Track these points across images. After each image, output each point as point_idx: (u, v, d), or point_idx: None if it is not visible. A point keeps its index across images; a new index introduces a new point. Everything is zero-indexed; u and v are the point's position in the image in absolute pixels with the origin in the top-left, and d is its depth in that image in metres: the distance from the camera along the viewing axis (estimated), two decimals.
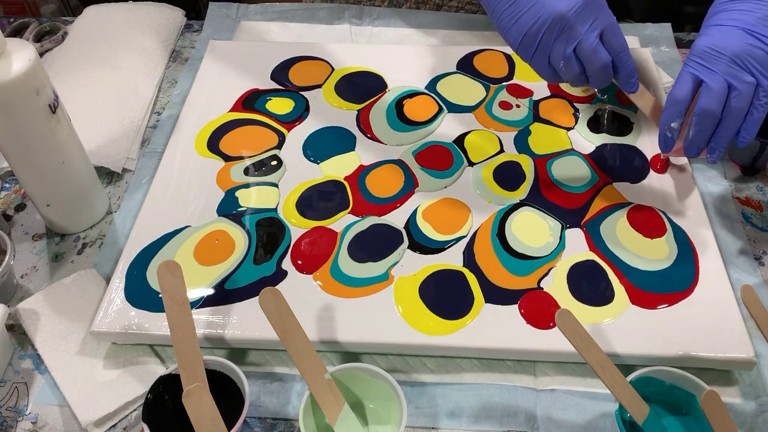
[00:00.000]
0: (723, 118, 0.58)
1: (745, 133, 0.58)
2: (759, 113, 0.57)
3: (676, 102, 0.58)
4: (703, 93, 0.57)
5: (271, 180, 0.71)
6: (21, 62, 0.56)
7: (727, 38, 0.57)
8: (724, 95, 0.57)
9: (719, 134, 0.59)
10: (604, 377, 0.48)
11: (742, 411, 0.54)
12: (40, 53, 0.89)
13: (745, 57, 0.56)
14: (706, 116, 0.57)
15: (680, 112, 0.59)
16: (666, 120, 0.60)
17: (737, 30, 0.56)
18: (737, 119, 0.57)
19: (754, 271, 0.64)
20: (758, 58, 0.56)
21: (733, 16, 0.58)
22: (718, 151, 0.60)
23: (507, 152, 0.73)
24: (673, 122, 0.59)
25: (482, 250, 0.63)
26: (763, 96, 0.57)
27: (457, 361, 0.58)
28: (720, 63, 0.56)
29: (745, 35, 0.56)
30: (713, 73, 0.57)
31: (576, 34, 0.57)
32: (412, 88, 0.81)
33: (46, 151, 0.61)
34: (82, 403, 0.55)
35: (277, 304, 0.50)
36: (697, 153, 0.60)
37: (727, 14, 0.58)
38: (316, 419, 0.51)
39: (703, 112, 0.57)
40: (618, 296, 0.59)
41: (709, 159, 0.60)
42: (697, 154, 0.60)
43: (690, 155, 0.61)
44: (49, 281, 0.65)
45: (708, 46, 0.57)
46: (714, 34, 0.58)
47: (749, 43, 0.56)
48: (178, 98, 0.83)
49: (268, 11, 0.96)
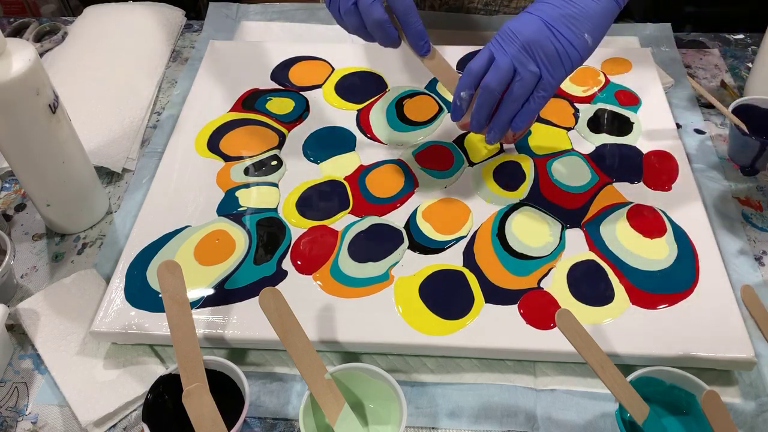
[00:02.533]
0: (503, 99, 0.59)
1: (519, 120, 0.60)
2: (535, 104, 0.59)
3: (470, 73, 0.59)
4: (491, 70, 0.58)
5: (271, 180, 0.71)
6: (21, 62, 0.56)
7: (525, 25, 0.58)
8: (509, 77, 0.58)
9: (497, 114, 0.60)
10: (604, 377, 0.48)
11: (742, 411, 0.54)
12: (40, 53, 0.89)
13: (536, 46, 0.57)
14: (487, 92, 0.58)
15: (472, 83, 0.59)
16: (458, 89, 0.60)
17: (538, 20, 0.58)
18: (515, 104, 0.59)
19: (754, 271, 0.64)
20: (547, 51, 0.57)
21: (541, 7, 0.59)
22: (494, 131, 0.61)
23: (507, 152, 0.73)
24: (463, 92, 0.60)
25: (482, 250, 0.63)
26: (542, 89, 0.58)
27: (457, 361, 0.58)
28: (513, 46, 0.57)
29: (542, 26, 0.57)
30: (505, 54, 0.58)
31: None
32: (412, 88, 0.81)
33: (46, 151, 0.61)
34: (82, 403, 0.55)
35: (277, 304, 0.50)
36: (479, 128, 0.61)
37: (539, 4, 0.59)
38: (316, 419, 0.51)
39: (486, 87, 0.58)
40: (618, 296, 0.59)
41: (487, 138, 0.62)
42: (480, 130, 0.62)
43: (473, 129, 0.62)
44: (49, 281, 0.65)
45: (509, 28, 0.58)
46: (519, 19, 0.59)
47: (544, 35, 0.57)
48: (178, 98, 0.83)
49: (268, 11, 0.96)
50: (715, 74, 0.86)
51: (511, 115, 0.60)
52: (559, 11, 0.58)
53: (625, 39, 0.91)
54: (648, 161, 0.72)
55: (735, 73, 0.86)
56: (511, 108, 0.59)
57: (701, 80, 0.85)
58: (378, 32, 0.60)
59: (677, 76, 0.84)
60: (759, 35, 0.90)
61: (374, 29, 0.60)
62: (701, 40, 0.92)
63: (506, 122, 0.60)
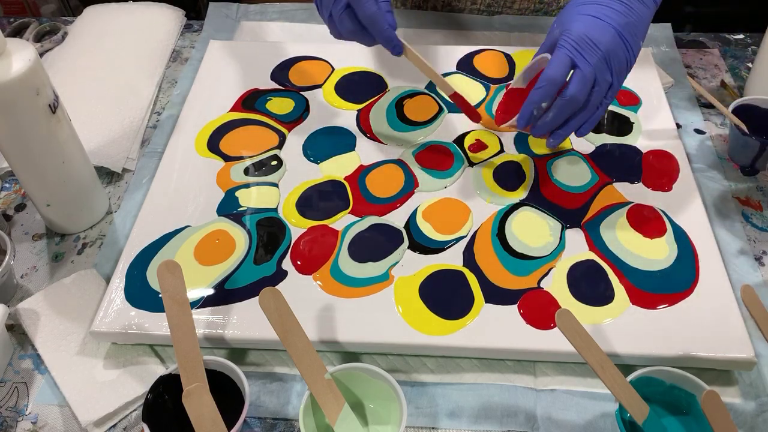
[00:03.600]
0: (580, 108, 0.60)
1: (587, 126, 0.61)
2: (602, 110, 0.61)
3: (553, 83, 0.57)
4: (577, 80, 0.57)
5: (271, 180, 0.71)
6: (21, 62, 0.56)
7: (603, 33, 0.58)
8: (591, 87, 0.58)
9: (570, 122, 0.60)
10: (604, 377, 0.48)
11: (742, 411, 0.54)
12: (40, 53, 0.89)
13: (614, 57, 0.58)
14: (572, 102, 0.58)
15: (553, 93, 0.58)
16: (538, 98, 0.58)
17: (611, 28, 0.58)
18: (589, 113, 0.60)
19: (754, 271, 0.64)
20: (620, 61, 0.59)
21: (606, 13, 0.59)
22: (560, 137, 0.61)
23: (507, 152, 0.73)
24: (544, 102, 0.58)
25: (482, 250, 0.63)
26: (610, 95, 0.60)
27: (457, 361, 0.58)
28: (594, 55, 0.57)
29: (616, 35, 0.58)
30: (588, 65, 0.57)
31: (327, 2, 0.64)
32: (412, 88, 0.81)
33: (46, 151, 0.61)
34: (82, 403, 0.55)
35: (277, 304, 0.50)
36: (544, 134, 0.61)
37: (600, 8, 0.59)
38: (316, 419, 0.51)
39: (572, 98, 0.58)
40: (618, 296, 0.59)
41: (551, 143, 0.62)
42: (543, 135, 0.61)
43: (536, 134, 0.61)
44: (49, 281, 0.65)
45: (587, 36, 0.58)
46: (590, 25, 0.59)
47: (619, 46, 0.58)
48: (178, 98, 0.83)
49: (268, 11, 0.96)
50: (715, 74, 0.86)
51: (583, 122, 0.61)
52: (626, 19, 0.59)
53: None
54: (648, 161, 0.72)
55: (735, 73, 0.86)
56: (587, 116, 0.60)
57: (701, 80, 0.85)
58: (357, 38, 0.65)
59: (677, 76, 0.84)
60: (759, 35, 0.90)
61: (351, 36, 0.65)
62: (701, 40, 0.92)
63: (575, 129, 0.61)
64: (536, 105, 0.58)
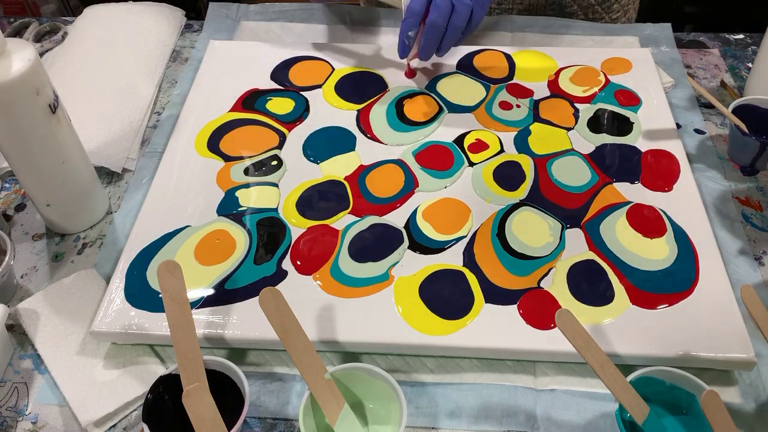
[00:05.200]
0: (447, 30, 0.71)
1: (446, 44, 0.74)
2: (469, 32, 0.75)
3: (413, 14, 0.71)
4: (433, 9, 0.70)
5: (271, 180, 0.71)
6: (21, 62, 0.56)
7: None
8: (449, 12, 0.70)
9: (443, 44, 0.73)
10: (604, 377, 0.48)
11: (742, 411, 0.54)
12: (40, 53, 0.89)
13: None
14: (433, 28, 0.71)
15: (416, 22, 0.72)
16: (404, 29, 0.72)
17: None
18: (457, 32, 0.72)
19: (754, 271, 0.64)
20: None
21: None
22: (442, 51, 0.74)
23: (507, 152, 0.73)
24: (410, 31, 0.72)
25: (482, 250, 0.63)
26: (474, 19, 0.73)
27: (457, 361, 0.58)
28: None
29: None
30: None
31: None
32: (412, 88, 0.81)
33: (46, 151, 0.61)
34: (82, 403, 0.55)
35: (277, 304, 0.50)
36: (429, 57, 0.74)
37: None
38: (316, 419, 0.51)
39: (432, 24, 0.70)
40: (618, 296, 0.59)
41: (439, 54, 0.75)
42: (428, 58, 0.75)
43: (422, 58, 0.75)
44: (49, 281, 0.65)
45: None
46: None
47: None
48: (178, 98, 0.83)
49: (268, 11, 0.96)
50: (715, 74, 0.86)
51: (454, 41, 0.73)
52: None
53: (625, 39, 0.91)
54: (648, 161, 0.72)
55: (735, 73, 0.86)
56: (454, 36, 0.72)
57: (701, 80, 0.85)
58: None
59: (677, 76, 0.84)
60: (759, 35, 0.90)
61: None
62: (701, 40, 0.92)
63: (451, 46, 0.74)
64: (405, 34, 0.73)
